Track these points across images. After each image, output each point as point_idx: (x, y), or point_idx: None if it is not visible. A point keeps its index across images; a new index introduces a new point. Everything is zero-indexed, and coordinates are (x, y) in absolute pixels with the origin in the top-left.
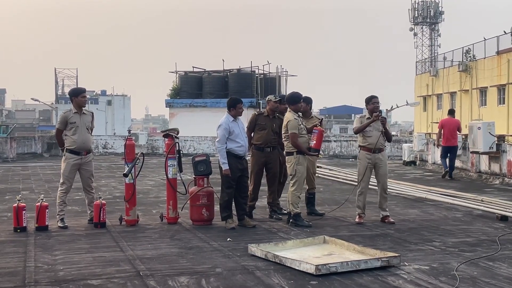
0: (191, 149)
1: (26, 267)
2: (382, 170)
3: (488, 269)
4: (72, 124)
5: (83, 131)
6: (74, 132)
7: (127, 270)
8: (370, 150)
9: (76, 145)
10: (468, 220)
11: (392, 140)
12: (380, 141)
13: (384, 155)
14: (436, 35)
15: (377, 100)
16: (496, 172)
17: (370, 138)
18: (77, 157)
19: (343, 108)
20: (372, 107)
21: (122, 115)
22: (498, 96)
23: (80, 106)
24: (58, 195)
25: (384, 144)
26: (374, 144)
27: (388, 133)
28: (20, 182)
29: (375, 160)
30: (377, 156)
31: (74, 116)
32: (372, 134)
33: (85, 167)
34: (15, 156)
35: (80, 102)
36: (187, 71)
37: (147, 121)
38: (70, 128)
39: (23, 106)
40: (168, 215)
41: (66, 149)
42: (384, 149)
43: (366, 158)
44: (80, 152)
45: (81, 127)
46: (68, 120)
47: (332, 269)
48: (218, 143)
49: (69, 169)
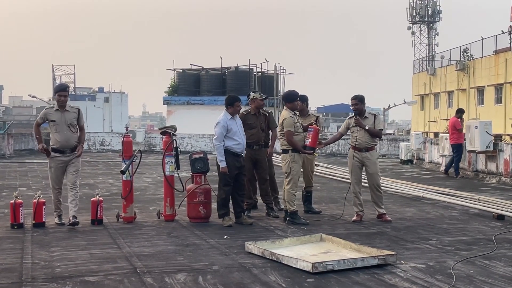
0: (189, 146)
1: (23, 263)
2: (371, 169)
3: (484, 268)
4: (52, 122)
5: (64, 129)
6: (55, 130)
7: (124, 267)
8: (356, 148)
9: (59, 144)
10: (465, 219)
11: (390, 139)
12: (366, 140)
13: (373, 154)
14: (434, 34)
15: (354, 101)
16: (493, 171)
17: (355, 138)
18: (62, 155)
19: (341, 107)
20: (352, 108)
21: (120, 112)
22: (495, 95)
23: (59, 104)
24: (52, 195)
25: (372, 143)
26: (358, 143)
27: (371, 131)
28: (17, 178)
29: (362, 159)
30: (364, 155)
31: (54, 113)
32: (358, 134)
33: (71, 164)
34: (12, 153)
35: (57, 101)
36: (185, 68)
37: (145, 118)
38: (51, 125)
39: (20, 103)
40: (165, 212)
41: (51, 148)
42: (374, 148)
43: (354, 156)
44: (65, 151)
45: (62, 125)
46: (48, 118)
47: (328, 267)
48: (216, 141)
49: (55, 172)
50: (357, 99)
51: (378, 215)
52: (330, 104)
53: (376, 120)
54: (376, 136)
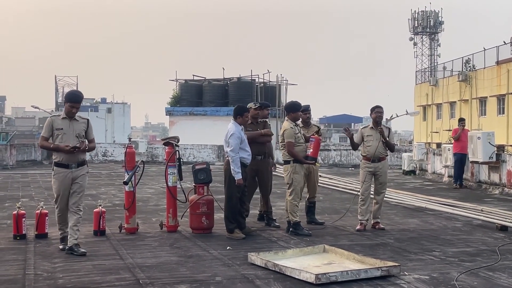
0: (191, 157)
1: (26, 274)
2: (381, 179)
3: (488, 279)
4: (58, 130)
5: (71, 139)
6: (61, 140)
7: (127, 278)
8: (369, 159)
9: (64, 157)
10: (468, 230)
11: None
12: (380, 150)
13: (384, 164)
14: (436, 45)
15: (380, 109)
16: (496, 182)
17: (369, 148)
18: (67, 171)
19: (343, 117)
20: (374, 116)
21: (122, 123)
22: (497, 106)
23: (68, 114)
24: (56, 216)
25: (385, 153)
26: (373, 154)
27: (389, 143)
28: (20, 189)
29: (375, 169)
30: (376, 165)
31: (61, 121)
32: (372, 144)
33: (76, 181)
34: (14, 164)
35: (68, 111)
36: (187, 79)
37: (147, 129)
38: (56, 135)
39: (23, 114)
40: (168, 223)
41: (54, 163)
42: (385, 158)
43: (366, 167)
44: (70, 165)
45: (69, 135)
46: (54, 125)
47: (332, 278)
48: (232, 152)
49: (60, 187)
50: (382, 108)
51: (373, 223)
52: (333, 115)
53: (390, 133)
54: (390, 149)
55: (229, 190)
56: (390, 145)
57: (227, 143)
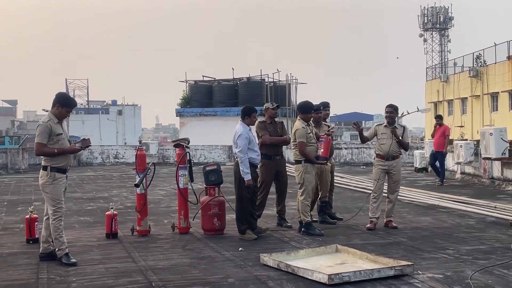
0: (202, 158)
1: (39, 278)
2: (395, 177)
3: (502, 277)
4: (58, 136)
5: (67, 144)
6: (61, 145)
7: (140, 281)
8: (383, 157)
9: (65, 162)
10: (481, 227)
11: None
12: (393, 148)
13: (398, 162)
14: (446, 41)
15: (390, 109)
16: (509, 178)
17: (383, 146)
18: (64, 176)
19: (354, 116)
20: (385, 115)
21: (133, 125)
22: (509, 101)
23: (60, 118)
24: (54, 226)
25: (399, 152)
26: (387, 152)
27: (402, 142)
28: (32, 193)
29: (388, 167)
30: (390, 163)
31: (57, 126)
32: (385, 142)
33: (66, 186)
34: (27, 167)
35: (63, 116)
36: (197, 80)
37: (158, 130)
38: (56, 141)
39: (34, 117)
40: (180, 225)
41: (52, 168)
42: (399, 157)
43: (380, 165)
44: (67, 169)
45: (66, 139)
46: (54, 131)
47: (345, 279)
48: (240, 153)
49: (61, 191)
50: (393, 107)
51: (386, 222)
52: (343, 113)
53: (405, 132)
54: (404, 148)
55: (239, 191)
56: (404, 144)
57: (235, 144)
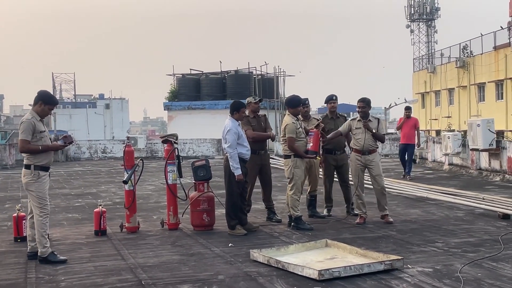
0: (190, 151)
1: (27, 278)
2: (375, 171)
3: (492, 270)
4: (41, 133)
5: (48, 141)
6: (44, 143)
7: (129, 279)
8: (359, 152)
9: (48, 159)
10: (470, 219)
11: (392, 138)
12: (369, 142)
13: (375, 156)
14: (433, 32)
15: (361, 104)
16: (497, 169)
17: (359, 140)
18: (47, 174)
19: (341, 107)
20: (357, 110)
21: (121, 118)
22: (496, 92)
23: (42, 115)
24: (38, 225)
25: (375, 146)
26: (362, 146)
27: (377, 135)
28: (20, 189)
29: (365, 162)
30: (367, 158)
31: (40, 124)
32: (360, 136)
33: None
34: (14, 163)
35: (45, 113)
36: (184, 73)
37: (146, 123)
38: (39, 138)
39: (21, 112)
40: (169, 221)
41: (36, 166)
42: (376, 150)
43: (357, 159)
44: (49, 167)
45: (48, 137)
46: (38, 129)
47: (335, 274)
48: (229, 149)
49: (46, 189)
50: (365, 102)
51: (382, 216)
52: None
53: (379, 124)
54: (380, 140)
55: (229, 187)
56: (379, 137)
57: (224, 139)
